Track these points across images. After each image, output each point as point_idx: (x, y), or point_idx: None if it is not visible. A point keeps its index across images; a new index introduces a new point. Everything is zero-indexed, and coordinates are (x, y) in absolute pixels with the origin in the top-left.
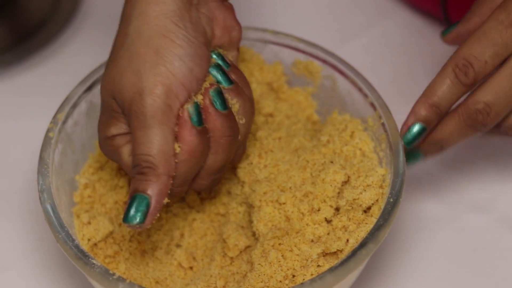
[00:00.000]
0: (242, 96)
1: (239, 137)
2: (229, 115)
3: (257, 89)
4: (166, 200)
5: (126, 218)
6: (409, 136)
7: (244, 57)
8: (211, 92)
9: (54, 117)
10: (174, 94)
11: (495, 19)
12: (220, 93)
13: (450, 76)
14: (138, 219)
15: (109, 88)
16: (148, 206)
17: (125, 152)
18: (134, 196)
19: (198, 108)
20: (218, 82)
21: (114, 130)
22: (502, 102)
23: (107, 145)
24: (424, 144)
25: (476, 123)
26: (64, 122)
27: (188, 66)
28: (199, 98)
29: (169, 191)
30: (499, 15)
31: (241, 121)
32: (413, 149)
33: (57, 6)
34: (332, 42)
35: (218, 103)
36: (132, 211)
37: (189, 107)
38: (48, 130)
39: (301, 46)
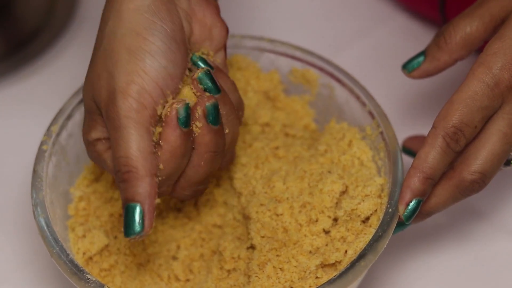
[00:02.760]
0: (228, 105)
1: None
2: (218, 131)
3: (253, 98)
4: (157, 200)
5: (126, 233)
6: (409, 212)
7: (240, 66)
8: (208, 105)
9: (48, 129)
10: (147, 93)
11: (481, 81)
12: (216, 108)
13: (442, 145)
14: (137, 229)
15: (89, 90)
16: (142, 213)
17: (109, 158)
18: (126, 208)
19: (188, 110)
20: (205, 89)
21: (94, 134)
22: (495, 167)
23: (90, 150)
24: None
25: (472, 192)
26: (58, 134)
27: (161, 63)
28: (191, 99)
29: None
30: (484, 76)
31: (225, 131)
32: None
33: (51, 15)
34: (329, 49)
35: (211, 118)
36: (129, 224)
37: (179, 107)
38: (42, 143)
39: (297, 54)
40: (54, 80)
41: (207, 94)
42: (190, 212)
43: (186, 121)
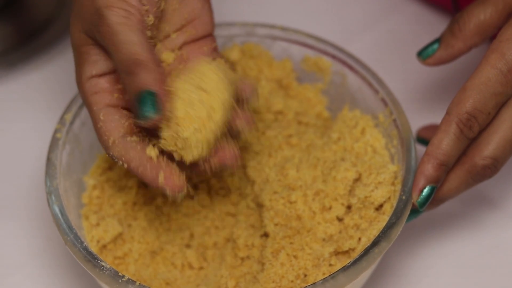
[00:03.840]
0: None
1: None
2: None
3: (266, 86)
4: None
5: (139, 114)
6: (422, 199)
7: (252, 54)
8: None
9: (62, 117)
10: (128, 3)
11: (494, 67)
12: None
13: (456, 132)
14: (153, 110)
15: (78, 23)
16: (153, 94)
17: (95, 102)
18: (138, 95)
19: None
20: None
21: (87, 69)
22: (507, 153)
23: (80, 92)
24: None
25: (484, 178)
26: (72, 122)
27: None
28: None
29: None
30: (497, 63)
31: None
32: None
33: (62, 4)
34: (341, 37)
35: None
36: (142, 106)
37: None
38: (56, 131)
39: (310, 42)
40: (66, 70)
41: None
42: (203, 200)
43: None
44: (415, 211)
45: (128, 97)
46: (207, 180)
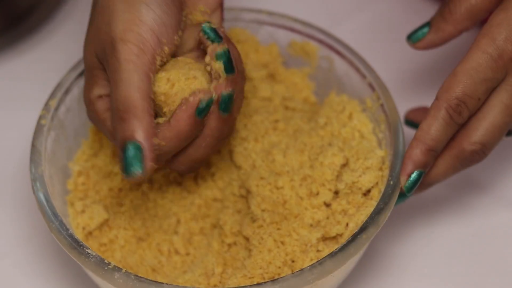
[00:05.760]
0: (238, 86)
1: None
2: (227, 120)
3: (253, 71)
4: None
5: (125, 171)
6: (410, 184)
7: (239, 39)
8: (224, 94)
9: (46, 104)
10: (144, 39)
11: (485, 52)
12: (230, 98)
13: (445, 117)
14: (136, 166)
15: (91, 46)
16: (141, 150)
17: (108, 117)
18: (124, 146)
19: (211, 104)
20: (223, 66)
21: (96, 91)
22: (496, 138)
23: (90, 110)
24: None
25: (472, 163)
26: (57, 108)
27: (156, 13)
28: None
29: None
30: (487, 48)
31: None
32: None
33: None
34: (328, 21)
35: (223, 106)
36: (128, 161)
37: (203, 99)
38: (40, 117)
39: (296, 26)
40: (51, 55)
41: (225, 78)
42: (190, 186)
43: (204, 113)
44: (402, 195)
45: (116, 143)
46: None
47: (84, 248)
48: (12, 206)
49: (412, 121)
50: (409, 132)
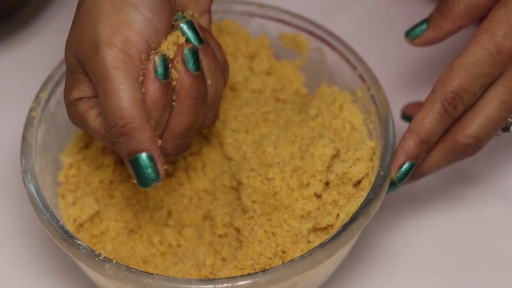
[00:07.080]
0: (210, 56)
1: (207, 100)
2: (199, 77)
3: (243, 63)
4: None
5: (144, 184)
6: (401, 174)
7: (229, 31)
8: (186, 50)
9: (37, 96)
10: (132, 43)
11: (483, 47)
12: (195, 53)
13: (440, 110)
14: (154, 177)
15: (72, 47)
16: (151, 158)
17: (91, 116)
18: (134, 159)
19: (166, 61)
20: (187, 39)
21: (76, 93)
22: (490, 133)
23: (71, 111)
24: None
25: (465, 156)
26: (47, 101)
27: (145, 16)
28: (170, 52)
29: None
30: (486, 43)
31: (207, 82)
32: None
33: None
34: (319, 13)
35: (191, 63)
36: (144, 174)
37: (156, 58)
38: (31, 110)
39: (287, 18)
40: (41, 49)
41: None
42: (181, 178)
43: (164, 72)
44: (393, 185)
45: (122, 157)
46: (184, 157)
47: (75, 240)
48: (3, 198)
49: (409, 116)
50: (399, 123)
